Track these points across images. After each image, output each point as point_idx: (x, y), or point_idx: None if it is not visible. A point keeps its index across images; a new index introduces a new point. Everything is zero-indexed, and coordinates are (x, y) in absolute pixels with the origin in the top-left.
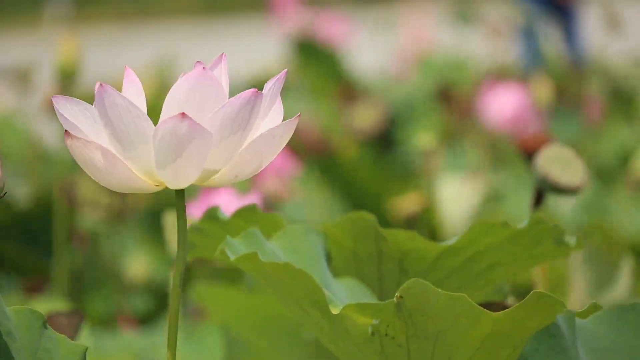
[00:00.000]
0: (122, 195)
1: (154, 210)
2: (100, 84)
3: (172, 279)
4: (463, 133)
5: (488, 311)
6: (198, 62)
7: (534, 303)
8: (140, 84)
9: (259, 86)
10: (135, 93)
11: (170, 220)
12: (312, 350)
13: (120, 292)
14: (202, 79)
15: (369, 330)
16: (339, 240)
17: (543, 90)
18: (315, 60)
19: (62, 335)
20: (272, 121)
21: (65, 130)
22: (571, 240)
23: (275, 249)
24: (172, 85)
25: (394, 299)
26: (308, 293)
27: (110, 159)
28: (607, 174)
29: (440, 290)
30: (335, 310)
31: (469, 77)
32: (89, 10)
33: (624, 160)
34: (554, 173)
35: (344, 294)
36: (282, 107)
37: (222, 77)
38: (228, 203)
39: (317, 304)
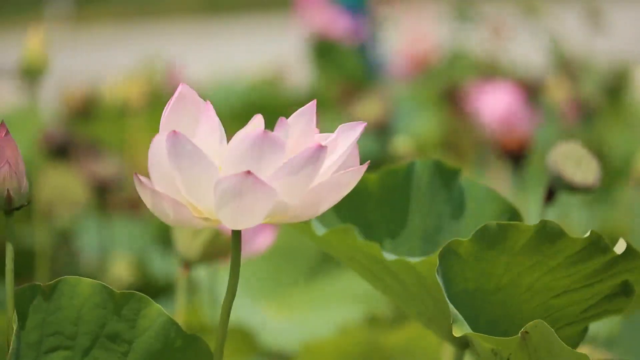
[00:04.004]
0: (99, 192)
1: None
2: (174, 131)
3: (221, 313)
4: (464, 133)
5: None
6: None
7: None
8: (217, 121)
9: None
10: (210, 130)
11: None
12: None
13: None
14: (263, 139)
15: (492, 350)
16: None
17: (557, 91)
18: (332, 60)
19: (157, 305)
20: (343, 167)
21: (136, 175)
22: None
23: None
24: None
25: (519, 334)
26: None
27: (178, 209)
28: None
29: (560, 339)
30: (457, 333)
31: (469, 76)
32: (89, 10)
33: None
34: (567, 170)
35: None
36: (359, 157)
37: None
38: None
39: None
